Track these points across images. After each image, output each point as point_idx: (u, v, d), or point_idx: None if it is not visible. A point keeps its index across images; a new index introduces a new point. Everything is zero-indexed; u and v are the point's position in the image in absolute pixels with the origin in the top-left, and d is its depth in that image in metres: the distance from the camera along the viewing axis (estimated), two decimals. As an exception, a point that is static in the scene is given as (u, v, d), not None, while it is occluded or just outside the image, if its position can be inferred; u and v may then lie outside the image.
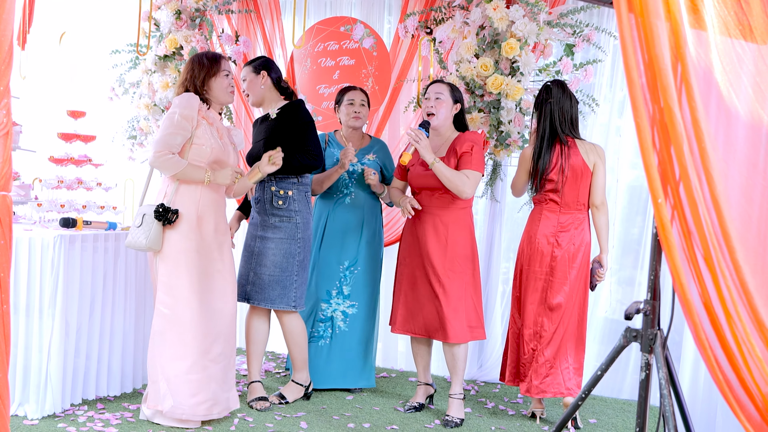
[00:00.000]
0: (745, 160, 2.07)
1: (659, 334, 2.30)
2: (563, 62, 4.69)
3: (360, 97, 4.64)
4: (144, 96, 5.44)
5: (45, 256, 3.81)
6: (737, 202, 2.01)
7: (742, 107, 2.03)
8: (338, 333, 4.66)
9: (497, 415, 4.40)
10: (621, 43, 1.96)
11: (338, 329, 4.66)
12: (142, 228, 3.68)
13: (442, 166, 4.03)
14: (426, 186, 4.18)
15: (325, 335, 4.66)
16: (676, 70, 1.93)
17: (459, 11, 4.83)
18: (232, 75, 3.98)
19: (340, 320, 4.66)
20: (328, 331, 4.66)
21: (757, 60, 2.04)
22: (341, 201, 4.67)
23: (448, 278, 4.12)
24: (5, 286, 2.56)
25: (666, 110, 1.93)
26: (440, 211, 4.17)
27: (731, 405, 2.11)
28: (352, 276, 4.66)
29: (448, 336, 4.09)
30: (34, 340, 3.84)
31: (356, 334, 4.67)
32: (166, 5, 5.40)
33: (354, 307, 4.66)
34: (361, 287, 4.66)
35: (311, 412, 4.22)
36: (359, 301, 4.67)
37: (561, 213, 4.16)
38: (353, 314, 4.66)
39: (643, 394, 2.33)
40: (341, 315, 4.66)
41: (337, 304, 4.66)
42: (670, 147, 1.97)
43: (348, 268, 4.66)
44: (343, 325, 4.66)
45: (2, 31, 2.54)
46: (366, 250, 4.67)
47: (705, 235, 1.91)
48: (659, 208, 1.96)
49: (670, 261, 1.99)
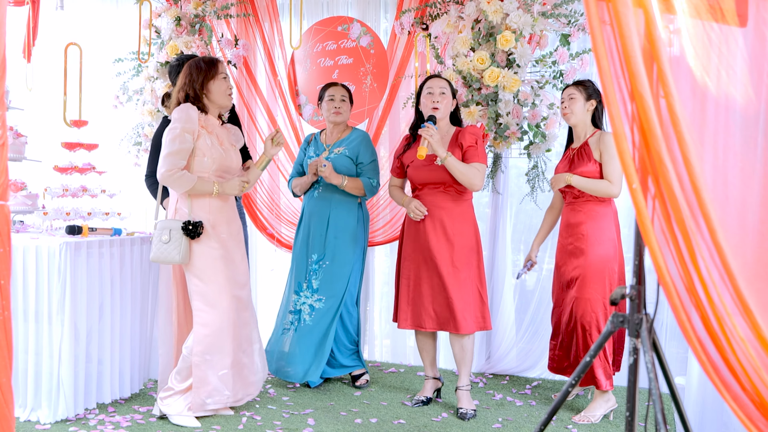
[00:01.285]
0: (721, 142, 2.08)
1: (645, 319, 2.31)
2: (559, 52, 4.70)
3: (340, 93, 4.68)
4: (147, 103, 5.52)
5: (52, 263, 3.88)
6: (714, 183, 2.02)
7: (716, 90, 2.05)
8: (302, 326, 4.68)
9: (505, 406, 4.43)
10: (590, 32, 1.98)
11: (303, 322, 4.68)
12: (172, 244, 3.80)
13: (454, 161, 4.07)
14: (431, 181, 4.21)
15: (291, 326, 4.71)
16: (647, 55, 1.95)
17: (454, 6, 4.86)
18: (229, 78, 4.03)
19: (306, 313, 4.68)
20: (294, 323, 4.71)
21: (729, 41, 2.05)
22: (312, 194, 4.74)
23: (456, 269, 4.16)
24: (6, 293, 2.62)
25: (637, 97, 1.95)
26: (446, 205, 4.21)
27: (717, 387, 2.13)
28: (320, 270, 4.67)
29: (459, 327, 4.13)
30: (44, 346, 3.91)
31: (318, 328, 4.66)
32: (165, 12, 5.48)
33: (321, 302, 4.66)
34: (329, 281, 4.65)
35: (318, 408, 4.27)
36: (326, 296, 4.65)
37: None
38: (319, 308, 4.66)
39: (632, 379, 2.35)
40: (308, 308, 4.67)
41: (306, 297, 4.69)
42: (645, 133, 1.99)
43: (316, 261, 4.67)
44: (308, 319, 4.67)
45: (-6, 45, 2.59)
46: (334, 243, 4.65)
47: (683, 218, 1.93)
48: (634, 193, 1.98)
49: (649, 245, 2.01)
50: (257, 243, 5.82)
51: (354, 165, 4.64)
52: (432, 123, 4.07)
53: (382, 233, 5.37)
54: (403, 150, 4.40)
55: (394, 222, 5.28)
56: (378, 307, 5.57)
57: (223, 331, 3.89)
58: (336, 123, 4.71)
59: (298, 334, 4.67)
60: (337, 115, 4.67)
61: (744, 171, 2.07)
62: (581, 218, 4.13)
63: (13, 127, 4.47)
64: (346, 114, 4.71)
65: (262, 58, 5.57)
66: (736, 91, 2.04)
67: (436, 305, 4.21)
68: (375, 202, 5.36)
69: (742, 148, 2.08)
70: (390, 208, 5.29)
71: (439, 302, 4.20)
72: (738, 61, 2.06)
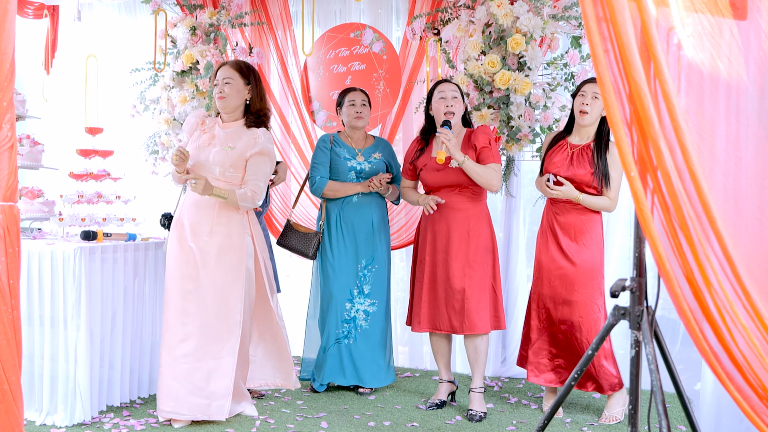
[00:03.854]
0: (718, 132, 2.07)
1: (646, 311, 2.30)
2: (570, 54, 4.70)
3: (361, 98, 4.71)
4: (164, 111, 5.59)
5: (66, 268, 3.93)
6: (710, 171, 2.01)
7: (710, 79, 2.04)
8: (360, 332, 4.69)
9: (519, 409, 4.40)
10: (584, 22, 1.99)
11: (360, 328, 4.69)
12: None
13: (472, 163, 4.08)
14: (447, 184, 4.22)
15: (350, 335, 4.70)
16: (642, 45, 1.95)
17: (464, 10, 4.88)
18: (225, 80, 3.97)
19: (362, 319, 4.69)
20: (352, 331, 4.70)
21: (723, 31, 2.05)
22: (349, 200, 4.70)
23: (472, 270, 4.17)
24: (15, 292, 2.67)
25: (633, 85, 1.95)
26: (462, 206, 4.22)
27: (719, 376, 2.10)
28: (371, 274, 4.69)
29: (473, 327, 4.13)
30: (59, 351, 3.96)
31: (377, 331, 4.71)
32: (181, 22, 5.56)
33: (374, 305, 4.70)
34: (379, 285, 4.70)
35: (332, 412, 4.27)
36: (379, 299, 4.70)
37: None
38: (374, 312, 4.69)
39: (634, 372, 2.34)
40: (363, 314, 4.69)
41: (359, 304, 4.70)
42: (641, 122, 1.98)
43: (366, 266, 4.69)
44: (365, 324, 4.69)
45: (3, 49, 2.65)
46: (380, 247, 4.70)
47: (681, 206, 1.92)
48: (632, 181, 1.97)
49: (648, 234, 2.00)
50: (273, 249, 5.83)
51: (387, 172, 4.72)
52: (447, 127, 4.08)
53: (397, 237, 5.38)
54: (415, 154, 4.40)
55: (409, 226, 5.29)
56: (394, 312, 5.56)
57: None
58: (357, 128, 4.73)
59: (361, 341, 4.68)
60: (359, 120, 4.69)
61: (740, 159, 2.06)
62: (572, 219, 4.11)
63: (30, 136, 4.55)
64: (367, 118, 4.74)
65: (275, 65, 5.63)
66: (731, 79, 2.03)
67: (451, 306, 4.20)
68: (389, 206, 5.37)
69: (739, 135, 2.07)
70: (405, 212, 5.30)
71: (453, 304, 4.20)
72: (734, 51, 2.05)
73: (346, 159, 4.68)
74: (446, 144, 4.02)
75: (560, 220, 4.14)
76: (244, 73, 3.96)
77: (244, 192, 3.86)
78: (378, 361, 4.71)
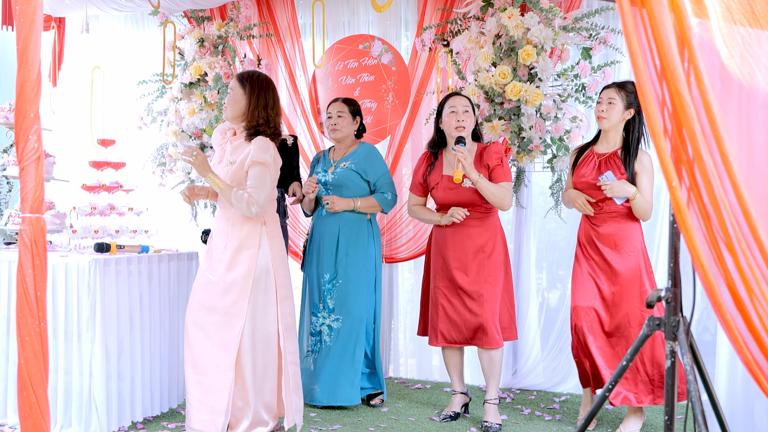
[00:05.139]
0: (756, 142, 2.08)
1: (682, 321, 2.30)
2: (581, 66, 4.72)
3: (337, 109, 4.66)
4: (172, 123, 5.58)
5: (81, 281, 3.91)
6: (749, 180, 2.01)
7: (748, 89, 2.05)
8: (323, 348, 4.61)
9: (534, 421, 4.39)
10: (624, 31, 2.00)
11: (324, 343, 4.62)
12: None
13: (486, 183, 4.08)
14: (459, 202, 4.21)
15: (315, 349, 4.65)
16: (682, 54, 1.96)
17: (474, 22, 4.89)
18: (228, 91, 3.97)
19: (326, 334, 4.61)
20: (317, 345, 4.64)
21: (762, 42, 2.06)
22: (320, 213, 4.69)
23: (487, 283, 4.17)
24: (42, 305, 2.65)
25: (675, 94, 1.95)
26: (475, 224, 4.22)
27: (762, 386, 2.10)
28: (334, 289, 4.59)
29: (489, 341, 4.13)
30: (74, 364, 3.93)
31: (343, 349, 4.56)
32: (189, 34, 5.56)
33: (339, 321, 4.58)
34: (345, 301, 4.56)
35: (347, 424, 4.25)
36: (344, 315, 4.56)
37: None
38: (338, 329, 4.57)
39: (669, 382, 2.33)
40: (327, 329, 4.61)
41: (324, 318, 4.62)
42: (682, 130, 1.99)
43: (329, 281, 4.60)
44: (329, 340, 4.60)
45: (31, 60, 2.64)
46: (346, 262, 4.57)
47: (723, 215, 1.93)
48: (674, 191, 1.97)
49: (690, 244, 2.00)
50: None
51: (362, 179, 4.59)
52: (462, 144, 4.07)
53: (406, 249, 5.37)
54: (426, 170, 4.38)
55: (418, 238, 5.29)
56: (402, 324, 5.55)
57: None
58: (336, 140, 4.69)
59: (322, 356, 4.61)
60: (334, 132, 4.65)
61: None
62: (611, 229, 4.06)
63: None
64: (345, 129, 4.64)
65: (284, 77, 5.63)
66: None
67: (465, 320, 4.20)
68: (397, 218, 5.37)
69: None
70: (414, 223, 5.29)
71: (468, 317, 4.19)
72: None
73: (317, 172, 4.70)
74: (462, 163, 4.01)
75: (600, 232, 4.08)
76: (242, 82, 3.79)
77: (242, 193, 3.67)
78: (346, 379, 4.54)
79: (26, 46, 2.67)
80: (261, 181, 3.68)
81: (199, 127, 5.46)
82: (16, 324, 2.66)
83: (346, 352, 4.56)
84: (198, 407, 3.75)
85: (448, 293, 4.26)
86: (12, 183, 5.03)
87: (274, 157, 3.74)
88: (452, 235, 4.25)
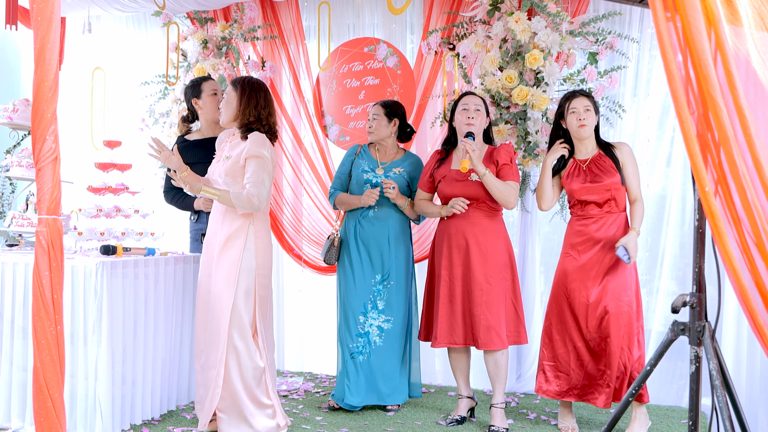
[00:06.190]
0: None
1: (707, 326, 2.30)
2: (587, 70, 4.72)
3: (373, 112, 4.69)
4: (174, 125, 5.55)
5: (88, 283, 3.87)
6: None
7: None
8: (374, 348, 4.63)
9: (540, 425, 4.38)
10: (657, 37, 2.00)
11: (374, 344, 4.63)
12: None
13: (492, 178, 4.10)
14: (464, 195, 4.22)
15: (364, 351, 4.64)
16: (715, 59, 1.96)
17: (481, 26, 4.89)
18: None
19: (376, 335, 4.64)
20: (366, 346, 4.65)
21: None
22: (366, 214, 4.66)
23: (490, 285, 4.16)
24: (59, 307, 2.62)
25: (708, 99, 1.95)
26: (478, 221, 4.22)
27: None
28: (385, 290, 4.63)
29: (493, 343, 4.11)
30: (79, 367, 3.88)
31: (392, 349, 4.63)
32: (192, 36, 5.53)
33: (389, 322, 4.62)
34: (395, 301, 4.62)
35: (353, 428, 4.23)
36: (394, 316, 4.62)
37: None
38: (389, 329, 4.62)
39: (694, 387, 2.33)
40: (377, 330, 4.64)
41: (373, 319, 4.64)
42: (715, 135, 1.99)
43: (380, 282, 4.63)
44: (379, 340, 4.63)
45: (49, 60, 2.61)
46: (396, 263, 4.62)
47: (756, 220, 1.93)
48: (706, 196, 1.97)
49: (723, 249, 2.00)
50: (284, 264, 5.80)
51: (408, 188, 4.65)
52: (471, 138, 4.09)
53: (410, 253, 5.36)
54: (436, 165, 4.40)
55: (423, 241, 5.28)
56: (409, 327, 5.54)
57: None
58: (372, 141, 4.71)
59: (374, 357, 4.60)
60: (369, 134, 4.69)
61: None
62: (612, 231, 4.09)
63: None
64: (379, 132, 4.65)
65: (288, 79, 5.61)
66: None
67: (471, 322, 4.19)
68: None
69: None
70: (418, 227, 5.28)
71: (472, 319, 4.18)
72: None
73: (364, 171, 4.66)
74: (470, 154, 4.03)
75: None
76: (234, 85, 3.91)
77: (238, 192, 3.74)
78: (394, 378, 4.63)
79: (44, 46, 2.64)
80: (259, 174, 3.77)
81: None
82: (32, 327, 2.63)
83: (395, 354, 4.62)
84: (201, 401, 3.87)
85: (450, 293, 4.25)
86: (15, 184, 4.98)
87: (270, 152, 3.84)
88: (455, 234, 4.24)
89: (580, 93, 4.15)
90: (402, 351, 4.67)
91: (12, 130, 4.79)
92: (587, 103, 4.10)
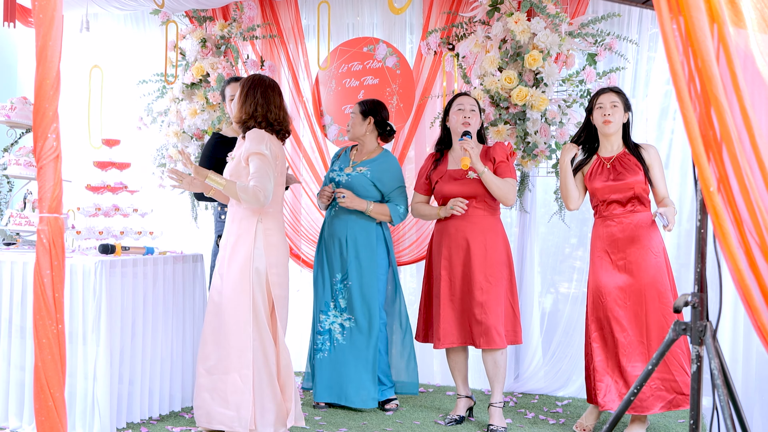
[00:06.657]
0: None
1: (709, 326, 2.31)
2: (586, 71, 4.74)
3: (351, 111, 4.72)
4: (173, 124, 5.54)
5: (87, 282, 3.86)
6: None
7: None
8: (336, 346, 4.61)
9: (538, 424, 4.39)
10: (662, 37, 2.00)
11: (336, 342, 4.62)
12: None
13: (491, 175, 4.11)
14: (463, 193, 4.23)
15: (324, 348, 4.64)
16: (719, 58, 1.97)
17: (480, 26, 4.90)
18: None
19: (338, 333, 4.61)
20: (326, 344, 4.63)
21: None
22: (329, 213, 4.71)
23: (490, 284, 4.16)
24: (60, 306, 2.61)
25: (712, 98, 1.96)
26: (476, 220, 4.22)
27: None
28: (345, 289, 4.60)
29: (493, 342, 4.11)
30: (78, 366, 3.88)
31: (356, 349, 4.57)
32: (191, 34, 5.52)
33: (351, 321, 4.59)
34: (355, 301, 4.57)
35: (352, 428, 4.23)
36: (356, 316, 4.57)
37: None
38: (351, 327, 4.58)
39: (695, 386, 2.34)
40: (338, 327, 4.62)
41: (335, 317, 4.63)
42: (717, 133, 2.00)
43: (341, 281, 4.62)
44: (341, 338, 4.60)
45: (50, 57, 2.61)
46: (356, 263, 4.57)
47: (759, 221, 1.94)
48: (711, 197, 1.98)
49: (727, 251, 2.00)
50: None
51: (374, 188, 4.57)
52: (468, 137, 4.11)
53: (408, 253, 5.36)
54: (432, 166, 4.40)
55: (420, 242, 5.28)
56: (403, 327, 5.53)
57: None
58: (351, 139, 4.73)
59: (336, 355, 4.60)
60: (347, 132, 4.74)
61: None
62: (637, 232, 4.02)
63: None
64: (354, 130, 4.65)
65: (287, 78, 5.60)
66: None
67: (470, 321, 4.20)
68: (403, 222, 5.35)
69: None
70: (416, 228, 5.29)
71: (471, 318, 4.19)
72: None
73: (333, 170, 4.71)
74: (469, 152, 4.04)
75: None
76: (242, 84, 3.87)
77: (245, 185, 3.65)
78: (359, 380, 4.55)
79: (45, 44, 2.64)
80: (262, 170, 3.67)
81: (200, 128, 5.42)
82: (33, 326, 2.62)
83: (359, 354, 4.56)
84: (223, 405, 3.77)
85: (450, 293, 4.26)
86: (12, 182, 4.97)
87: (270, 147, 3.73)
88: (455, 234, 4.25)
89: (610, 89, 4.09)
90: (371, 353, 4.57)
91: (9, 128, 4.78)
92: (615, 99, 4.03)
